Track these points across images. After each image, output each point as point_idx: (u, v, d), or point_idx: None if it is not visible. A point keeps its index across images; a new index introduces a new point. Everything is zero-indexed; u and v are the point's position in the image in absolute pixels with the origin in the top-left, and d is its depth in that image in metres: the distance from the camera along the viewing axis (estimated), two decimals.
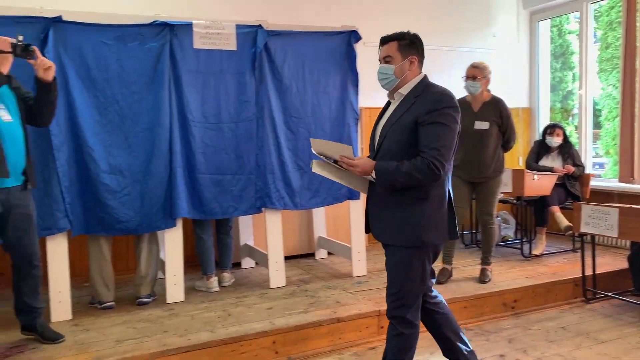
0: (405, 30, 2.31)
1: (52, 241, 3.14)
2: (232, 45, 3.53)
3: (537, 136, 5.82)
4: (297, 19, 4.33)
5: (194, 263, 4.18)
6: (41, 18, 3.06)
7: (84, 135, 3.18)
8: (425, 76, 2.31)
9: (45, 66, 2.60)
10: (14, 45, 2.46)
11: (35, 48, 2.59)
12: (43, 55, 2.87)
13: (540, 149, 4.97)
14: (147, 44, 3.32)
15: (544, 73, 6.07)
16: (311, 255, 4.75)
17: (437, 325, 2.48)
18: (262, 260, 4.09)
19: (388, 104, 2.41)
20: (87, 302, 3.50)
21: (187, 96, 3.43)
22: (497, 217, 5.34)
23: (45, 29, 3.06)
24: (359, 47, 3.94)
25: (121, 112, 3.28)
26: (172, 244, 3.49)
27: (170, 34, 3.36)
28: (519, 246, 4.79)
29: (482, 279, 3.86)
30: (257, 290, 3.74)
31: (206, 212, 3.58)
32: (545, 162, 4.90)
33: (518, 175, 4.45)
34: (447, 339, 2.48)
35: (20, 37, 2.51)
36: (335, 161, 2.27)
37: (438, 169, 2.12)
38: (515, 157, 5.96)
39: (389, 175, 2.16)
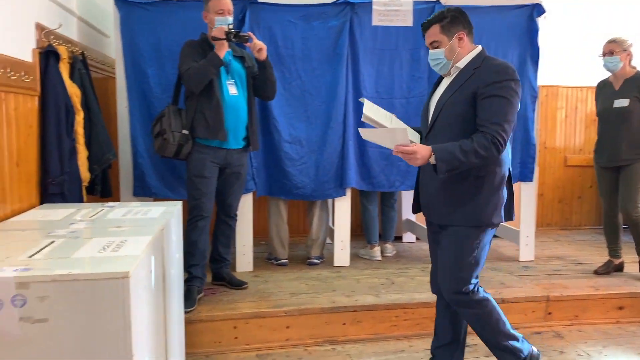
0: (445, 9, 2.17)
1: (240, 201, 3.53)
2: (408, 22, 3.59)
3: None
4: None
5: (357, 232, 4.39)
6: (239, 0, 3.40)
7: (270, 107, 3.49)
8: (483, 49, 2.15)
9: (257, 48, 2.95)
10: (227, 33, 2.82)
11: (250, 33, 2.95)
12: None
13: None
14: (329, 22, 3.52)
15: None
16: None
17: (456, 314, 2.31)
18: (423, 235, 4.15)
19: (440, 79, 2.28)
20: (264, 258, 3.89)
21: (362, 72, 3.59)
22: None
23: (243, 10, 3.40)
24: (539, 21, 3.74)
25: (303, 86, 3.55)
26: (341, 211, 3.71)
27: (351, 12, 3.52)
28: None
29: None
30: (419, 264, 3.82)
31: (374, 184, 3.73)
32: None
33: None
34: (459, 331, 2.34)
35: (231, 25, 2.86)
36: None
37: (502, 145, 1.98)
38: None
39: (451, 157, 1.98)
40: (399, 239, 4.51)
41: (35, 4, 2.60)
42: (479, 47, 2.16)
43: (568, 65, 4.82)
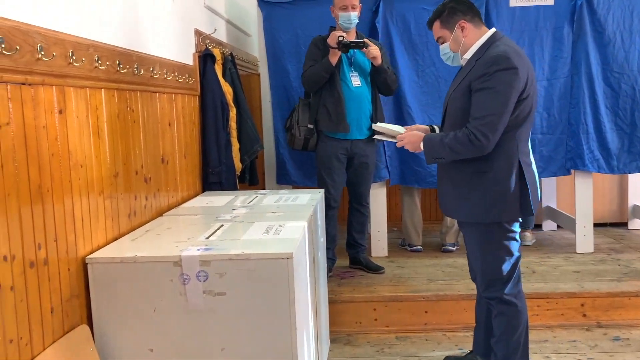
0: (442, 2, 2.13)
1: (374, 188, 3.61)
2: (549, 0, 3.42)
3: None
4: None
5: None
6: None
7: (404, 95, 3.54)
8: (493, 34, 2.08)
9: (370, 56, 3.03)
10: (338, 42, 2.93)
11: (366, 40, 3.03)
12: (376, 24, 3.45)
13: None
14: None
15: None
16: (622, 224, 4.37)
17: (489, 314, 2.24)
18: (566, 223, 3.96)
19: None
20: (397, 244, 3.97)
21: None
22: None
23: (376, 2, 3.48)
24: None
25: (437, 73, 3.54)
26: None
27: None
28: None
29: None
30: (561, 254, 3.66)
31: None
32: None
33: None
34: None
35: (343, 36, 2.95)
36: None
37: (479, 140, 1.94)
38: None
39: (434, 149, 2.07)
40: (538, 226, 4.34)
41: (194, 12, 2.90)
42: (489, 32, 2.10)
43: None
